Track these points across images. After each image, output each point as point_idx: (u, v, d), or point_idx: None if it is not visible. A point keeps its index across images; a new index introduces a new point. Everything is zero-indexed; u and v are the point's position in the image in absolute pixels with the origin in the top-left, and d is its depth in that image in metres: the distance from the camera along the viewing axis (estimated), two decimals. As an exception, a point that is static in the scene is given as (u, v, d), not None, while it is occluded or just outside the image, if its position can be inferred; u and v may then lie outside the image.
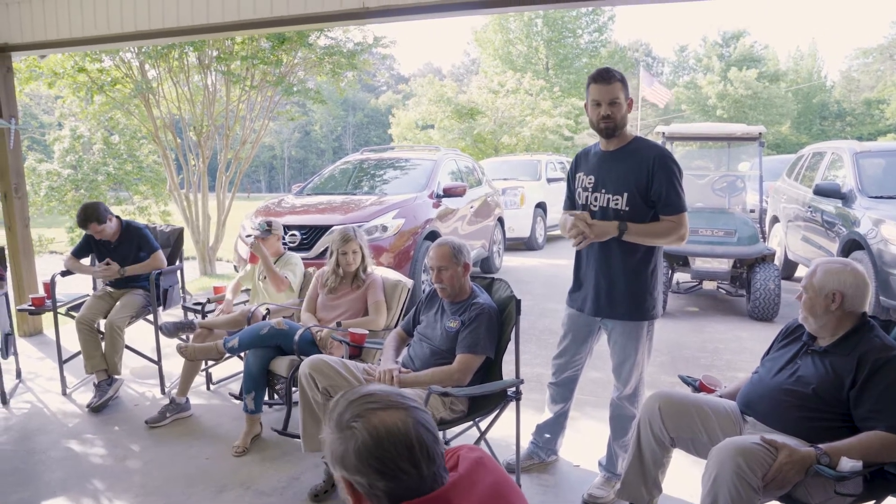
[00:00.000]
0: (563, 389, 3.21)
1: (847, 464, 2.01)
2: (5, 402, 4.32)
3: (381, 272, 3.99)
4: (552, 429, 3.30)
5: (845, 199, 6.17)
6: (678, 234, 2.77)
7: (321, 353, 3.43)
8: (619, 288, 2.86)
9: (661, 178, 2.73)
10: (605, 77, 2.74)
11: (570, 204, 3.08)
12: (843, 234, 5.99)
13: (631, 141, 2.85)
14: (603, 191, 2.84)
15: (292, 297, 4.27)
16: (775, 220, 8.46)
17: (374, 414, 1.15)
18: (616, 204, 2.80)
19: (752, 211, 7.36)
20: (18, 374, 4.82)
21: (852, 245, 5.77)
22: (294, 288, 4.26)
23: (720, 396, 2.64)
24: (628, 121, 2.83)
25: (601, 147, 2.92)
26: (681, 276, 7.29)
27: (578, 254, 3.03)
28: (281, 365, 3.52)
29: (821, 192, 6.48)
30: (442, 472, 1.18)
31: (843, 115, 41.91)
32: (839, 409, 2.21)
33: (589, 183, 2.91)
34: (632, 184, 2.77)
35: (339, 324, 3.61)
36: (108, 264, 4.46)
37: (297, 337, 3.43)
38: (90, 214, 4.37)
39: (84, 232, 4.52)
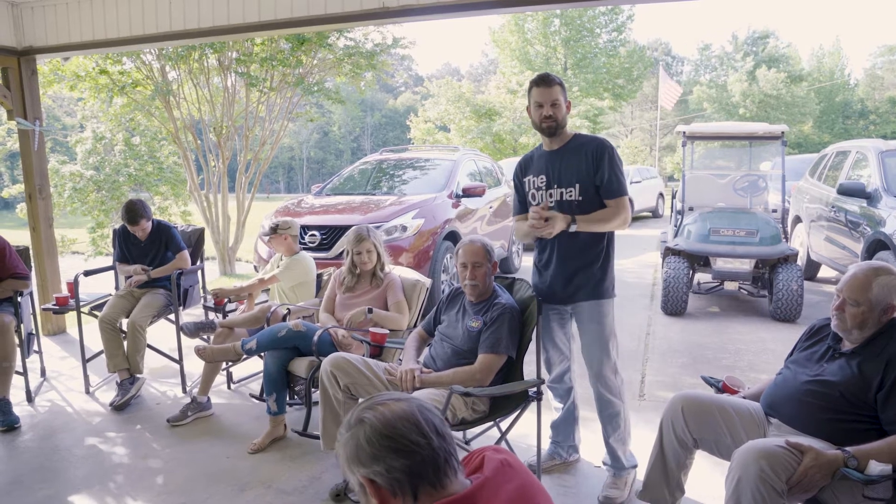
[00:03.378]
0: (559, 386, 3.26)
1: (876, 467, 1.97)
2: (30, 400, 4.39)
3: (400, 272, 3.98)
4: (564, 425, 3.31)
5: (870, 198, 6.07)
6: (622, 218, 2.94)
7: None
8: (581, 273, 2.99)
9: (603, 166, 2.91)
10: (545, 81, 2.94)
11: (522, 208, 3.19)
12: (867, 235, 5.89)
13: (572, 138, 3.04)
14: (556, 186, 2.99)
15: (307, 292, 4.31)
16: (798, 220, 8.34)
17: (381, 405, 1.25)
18: (570, 195, 2.95)
19: (775, 211, 7.27)
20: (43, 373, 4.89)
21: (878, 245, 5.67)
22: (284, 281, 4.35)
23: (743, 398, 2.60)
24: (567, 121, 3.01)
25: (545, 148, 3.08)
26: (702, 277, 7.22)
27: (539, 252, 3.15)
28: (300, 366, 3.53)
29: (845, 191, 6.38)
30: (453, 450, 1.24)
31: (867, 114, 41.28)
32: (866, 412, 2.16)
33: (541, 182, 3.04)
34: (582, 173, 2.94)
35: (370, 310, 3.60)
36: (138, 269, 4.54)
37: (315, 338, 3.43)
38: (140, 211, 4.48)
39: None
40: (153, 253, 4.61)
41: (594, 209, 2.93)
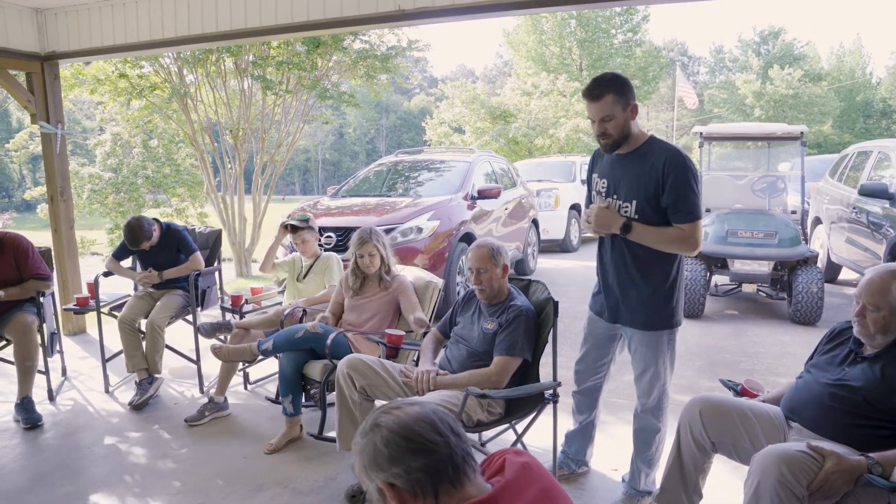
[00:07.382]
0: (587, 399, 3.12)
1: (901, 474, 1.94)
2: (52, 399, 4.44)
3: (412, 272, 3.97)
4: (579, 439, 3.22)
5: (893, 199, 5.99)
6: (688, 245, 2.61)
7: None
8: (635, 295, 2.75)
9: (672, 184, 2.56)
10: (591, 93, 2.59)
11: (591, 203, 2.96)
12: (890, 236, 5.82)
13: (644, 143, 2.68)
14: (614, 196, 2.73)
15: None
16: (817, 221, 8.26)
17: (395, 409, 1.26)
18: (625, 212, 2.69)
19: (794, 212, 7.19)
20: (64, 372, 4.95)
21: (900, 247, 5.61)
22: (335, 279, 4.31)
23: (763, 401, 2.57)
24: (632, 127, 2.65)
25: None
26: (720, 279, 7.16)
27: (599, 256, 2.95)
28: (314, 369, 3.53)
29: (867, 192, 6.30)
30: (470, 449, 1.24)
31: (889, 113, 40.63)
32: (890, 417, 2.13)
33: (602, 187, 2.80)
34: (641, 191, 2.63)
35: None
36: (149, 271, 4.56)
37: (329, 341, 3.41)
38: (140, 236, 4.43)
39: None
40: (163, 256, 4.61)
41: None
